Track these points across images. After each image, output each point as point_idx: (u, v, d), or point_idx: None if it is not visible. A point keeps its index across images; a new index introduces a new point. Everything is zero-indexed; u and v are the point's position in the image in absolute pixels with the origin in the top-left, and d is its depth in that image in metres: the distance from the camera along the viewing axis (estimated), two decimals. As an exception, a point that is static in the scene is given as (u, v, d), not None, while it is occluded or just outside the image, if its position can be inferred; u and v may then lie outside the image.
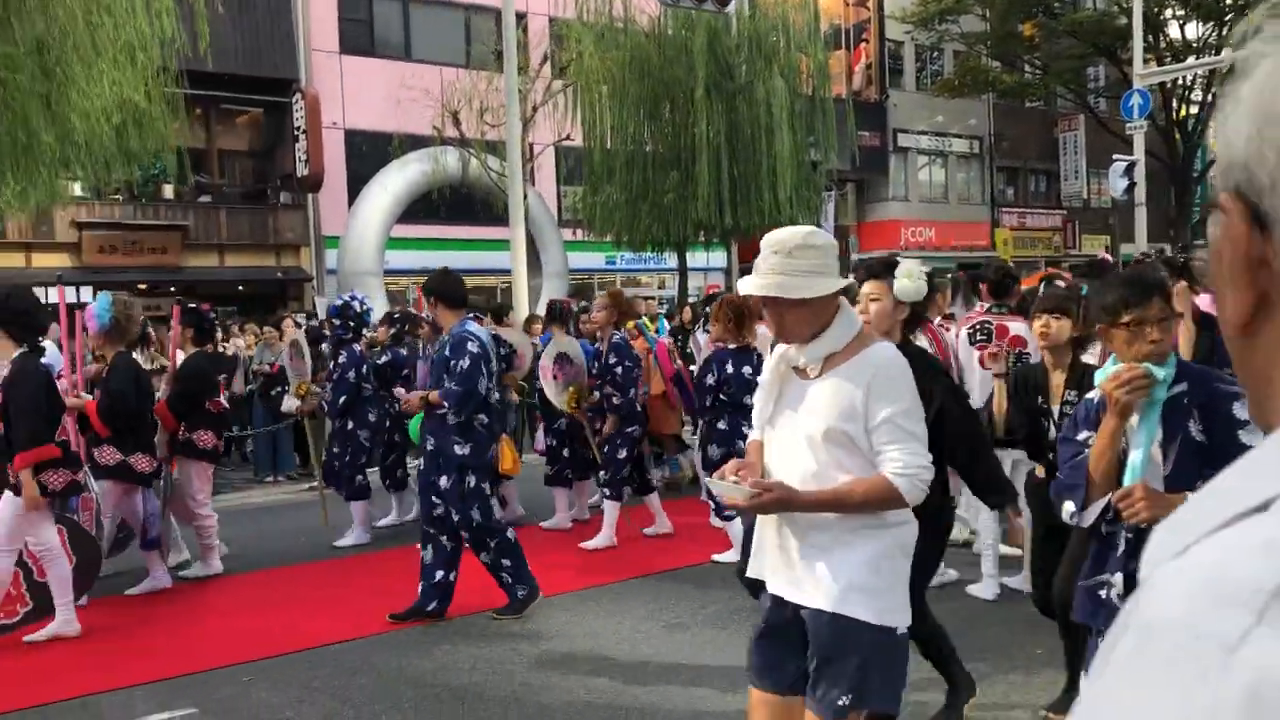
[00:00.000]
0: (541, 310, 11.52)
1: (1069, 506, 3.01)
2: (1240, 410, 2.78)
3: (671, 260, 22.20)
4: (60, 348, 7.16)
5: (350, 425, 8.25)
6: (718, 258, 25.86)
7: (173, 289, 21.37)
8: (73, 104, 11.69)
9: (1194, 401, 2.88)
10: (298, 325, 12.36)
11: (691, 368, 8.61)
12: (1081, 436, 3.07)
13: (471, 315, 6.14)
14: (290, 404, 8.97)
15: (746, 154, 19.31)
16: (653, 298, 22.21)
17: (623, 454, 7.80)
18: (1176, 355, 3.04)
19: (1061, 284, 6.35)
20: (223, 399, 7.89)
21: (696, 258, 23.68)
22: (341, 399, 8.16)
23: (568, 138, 19.72)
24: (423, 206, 21.85)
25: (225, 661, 5.50)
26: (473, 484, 5.87)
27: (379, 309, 13.20)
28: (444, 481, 5.84)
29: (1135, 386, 2.85)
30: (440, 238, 22.88)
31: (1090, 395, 3.18)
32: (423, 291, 6.15)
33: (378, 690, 5.01)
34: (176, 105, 13.66)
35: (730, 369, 6.70)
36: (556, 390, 7.89)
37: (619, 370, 7.74)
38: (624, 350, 7.84)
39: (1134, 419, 2.92)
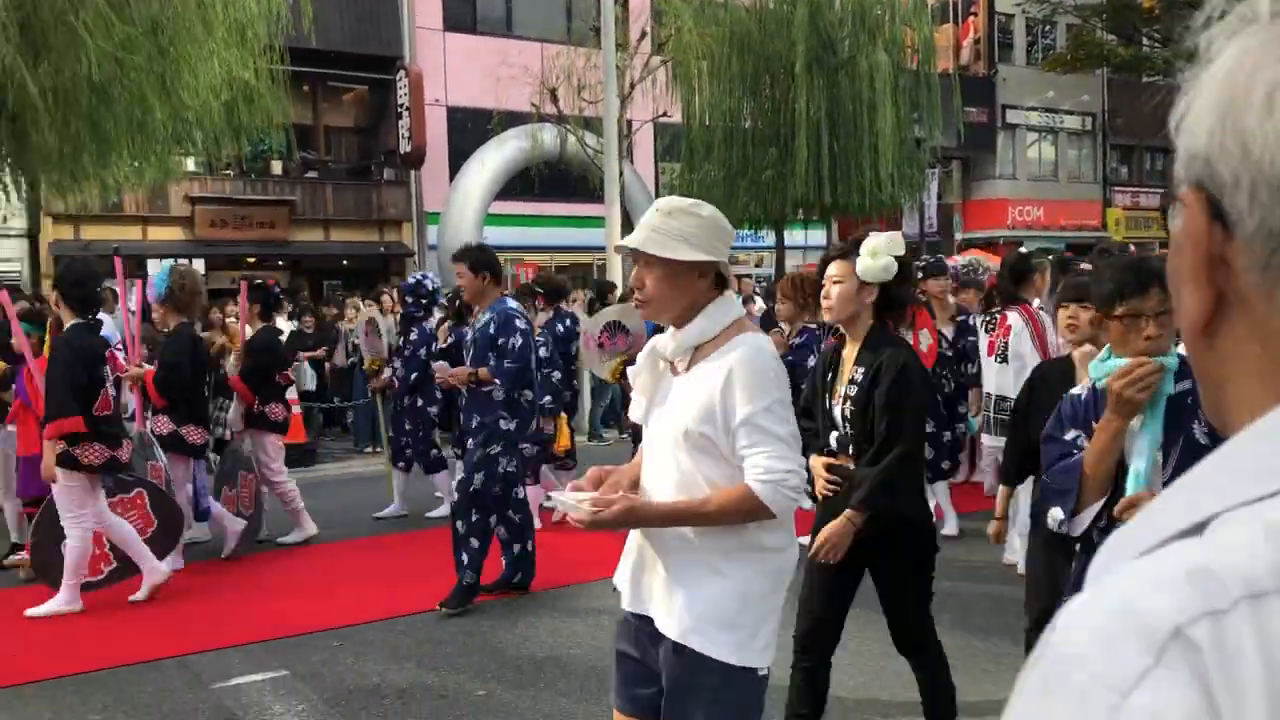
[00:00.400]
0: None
1: (1056, 513, 2.71)
2: None
3: (769, 238, 22.00)
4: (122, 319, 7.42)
5: (420, 402, 8.31)
6: (817, 236, 25.54)
7: (280, 263, 22.01)
8: (185, 82, 12.06)
9: (1199, 401, 2.66)
10: (379, 303, 12.56)
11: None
12: (1069, 436, 2.77)
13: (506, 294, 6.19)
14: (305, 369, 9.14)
15: (847, 130, 18.97)
16: (749, 276, 22.03)
17: None
18: (1179, 350, 2.74)
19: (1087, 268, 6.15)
20: (290, 372, 8.10)
21: (795, 236, 23.42)
22: (412, 376, 8.23)
23: (665, 114, 19.65)
24: (520, 183, 22.04)
25: (316, 627, 5.65)
26: (508, 460, 5.95)
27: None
28: (484, 451, 5.89)
29: (1147, 384, 2.55)
30: (537, 214, 23.08)
31: (1077, 390, 2.91)
32: (470, 265, 5.96)
33: (461, 659, 5.09)
34: (284, 82, 13.98)
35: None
36: (599, 359, 7.74)
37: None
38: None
39: (1136, 419, 2.64)
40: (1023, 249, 7.51)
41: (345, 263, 22.85)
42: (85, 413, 5.67)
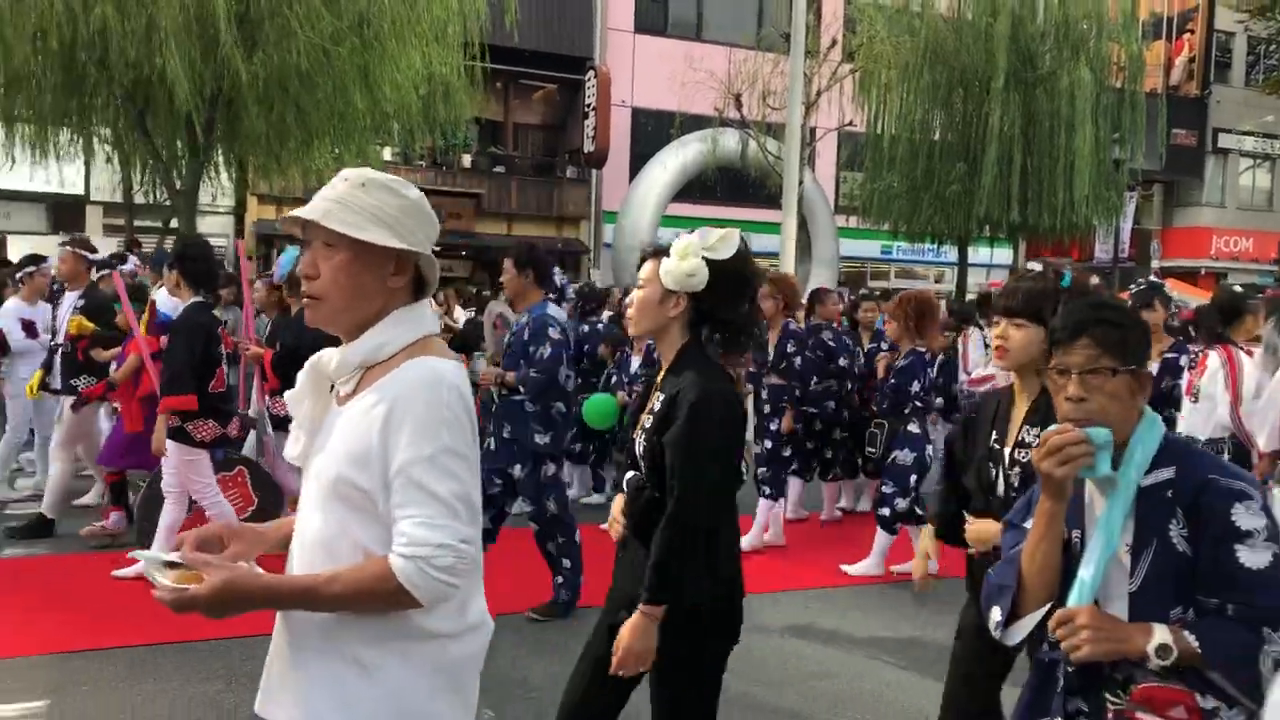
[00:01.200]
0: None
1: (994, 615, 2.20)
2: (1245, 515, 1.96)
3: (952, 254, 21.36)
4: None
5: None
6: (1003, 255, 24.66)
7: (464, 254, 22.71)
8: (386, 75, 12.59)
9: (1181, 496, 2.04)
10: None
11: (971, 371, 8.12)
12: (1029, 524, 2.22)
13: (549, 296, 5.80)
14: (479, 366, 9.09)
15: (1042, 148, 18.27)
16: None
17: (787, 450, 7.40)
18: (1167, 427, 2.21)
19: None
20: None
21: (979, 253, 22.68)
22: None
23: (850, 124, 19.33)
24: (698, 186, 22.09)
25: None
26: (550, 473, 5.67)
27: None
28: (518, 470, 5.60)
29: (1066, 457, 2.02)
30: (713, 218, 22.99)
31: None
32: (514, 261, 5.59)
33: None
34: (478, 79, 14.42)
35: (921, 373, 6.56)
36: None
37: (798, 361, 7.24)
38: (803, 339, 7.38)
39: (1099, 509, 2.12)
40: (1236, 286, 6.80)
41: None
42: (200, 390, 5.76)
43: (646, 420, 2.78)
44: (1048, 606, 2.11)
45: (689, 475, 2.62)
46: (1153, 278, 8.01)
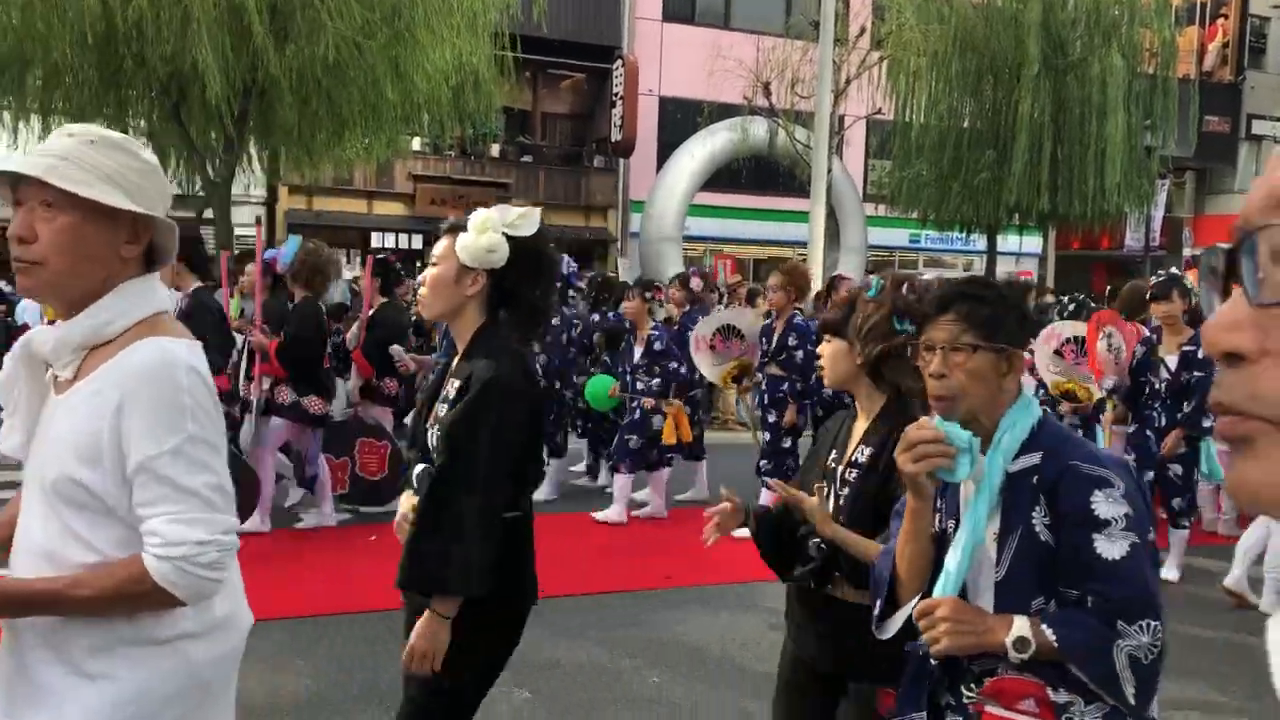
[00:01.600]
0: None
1: (876, 608, 2.16)
2: (1104, 503, 1.87)
3: (980, 243, 21.28)
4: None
5: (557, 385, 8.32)
6: (1032, 243, 24.52)
7: (491, 242, 22.83)
8: (417, 66, 12.69)
9: (1044, 482, 1.94)
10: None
11: None
12: None
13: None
14: None
15: (1072, 135, 18.15)
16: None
17: (786, 443, 7.34)
18: (1045, 411, 2.08)
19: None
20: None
21: (1008, 241, 22.56)
22: (554, 363, 8.23)
23: (879, 112, 19.27)
24: (726, 174, 22.10)
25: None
26: None
27: (672, 274, 13.48)
28: None
29: (920, 454, 1.91)
30: (741, 206, 23.09)
31: None
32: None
33: (645, 646, 5.17)
34: (507, 68, 14.50)
35: None
36: (710, 363, 7.41)
37: (799, 354, 7.22)
38: (805, 333, 7.27)
39: (966, 496, 2.02)
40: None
41: (551, 246, 23.50)
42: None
43: (441, 409, 2.56)
44: (917, 599, 2.03)
45: (458, 446, 2.39)
46: (1173, 269, 7.96)
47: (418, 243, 21.04)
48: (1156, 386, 6.52)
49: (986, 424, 2.00)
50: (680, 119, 22.67)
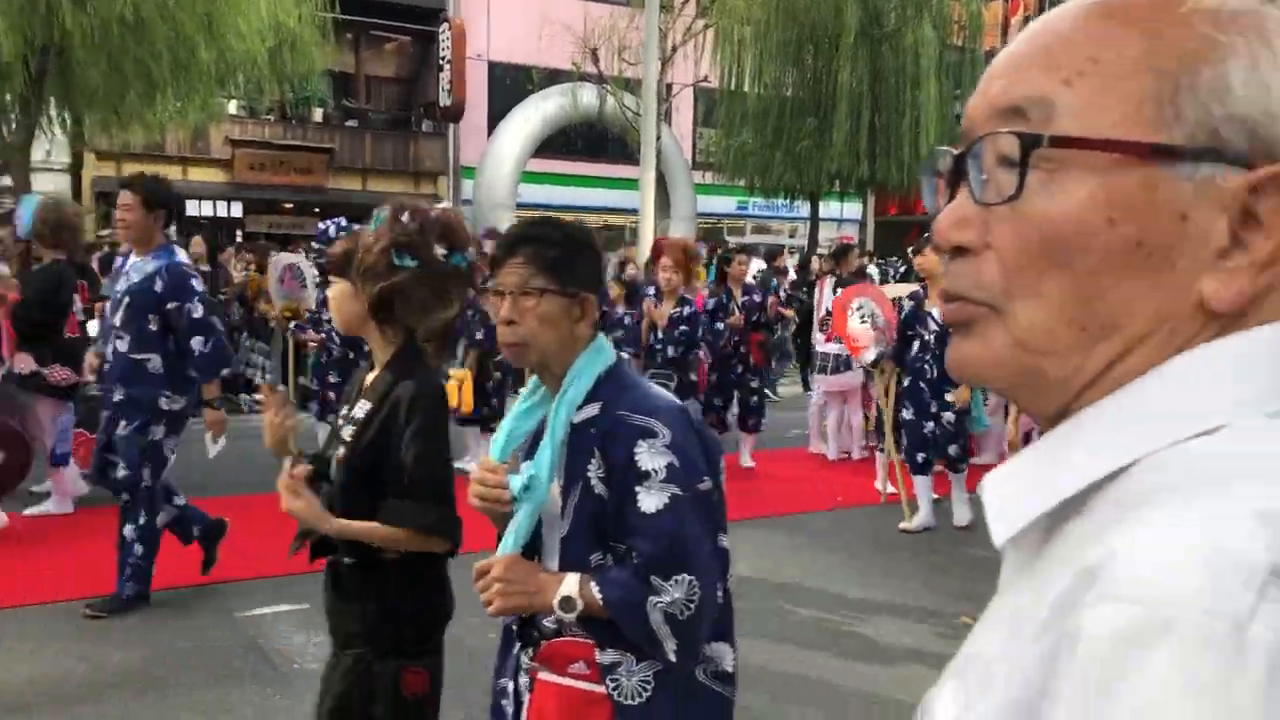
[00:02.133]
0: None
1: None
2: (646, 454, 1.80)
3: (804, 209, 21.93)
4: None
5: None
6: (853, 209, 25.41)
7: (316, 210, 22.14)
8: (230, 25, 12.16)
9: (599, 434, 1.86)
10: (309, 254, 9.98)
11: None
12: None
13: None
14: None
15: (890, 104, 18.85)
16: (784, 247, 21.99)
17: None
18: (620, 359, 2.00)
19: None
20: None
21: (830, 208, 23.30)
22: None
23: (705, 80, 19.55)
24: (559, 141, 22.03)
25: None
26: (157, 437, 4.92)
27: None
28: (121, 426, 4.85)
29: (480, 496, 1.95)
30: (573, 174, 23.07)
31: None
32: (142, 199, 4.79)
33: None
34: (328, 30, 14.04)
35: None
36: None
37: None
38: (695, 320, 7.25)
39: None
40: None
41: None
42: None
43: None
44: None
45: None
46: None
47: (237, 210, 20.21)
48: (926, 338, 6.64)
49: (558, 371, 1.93)
50: (510, 85, 22.43)
